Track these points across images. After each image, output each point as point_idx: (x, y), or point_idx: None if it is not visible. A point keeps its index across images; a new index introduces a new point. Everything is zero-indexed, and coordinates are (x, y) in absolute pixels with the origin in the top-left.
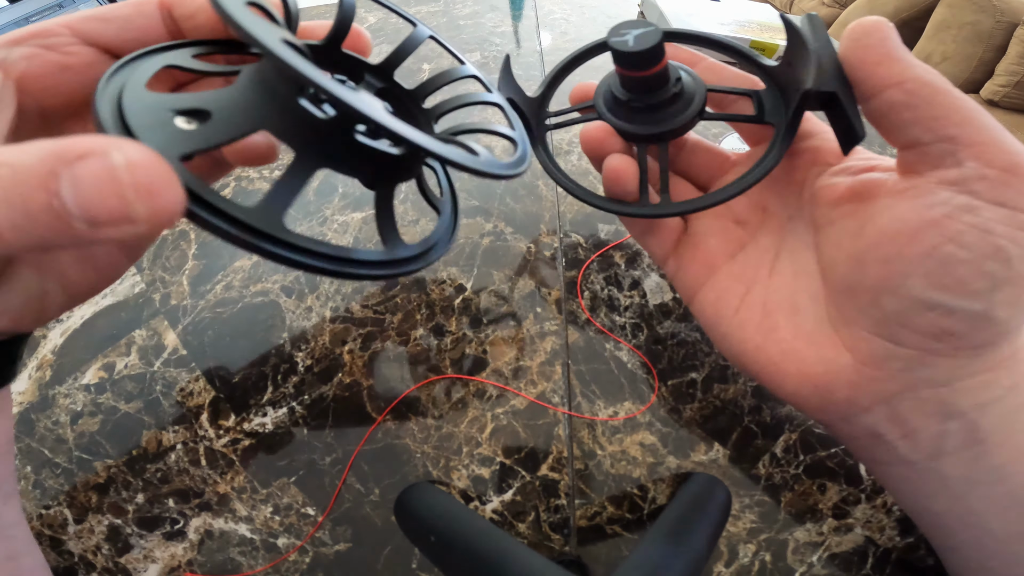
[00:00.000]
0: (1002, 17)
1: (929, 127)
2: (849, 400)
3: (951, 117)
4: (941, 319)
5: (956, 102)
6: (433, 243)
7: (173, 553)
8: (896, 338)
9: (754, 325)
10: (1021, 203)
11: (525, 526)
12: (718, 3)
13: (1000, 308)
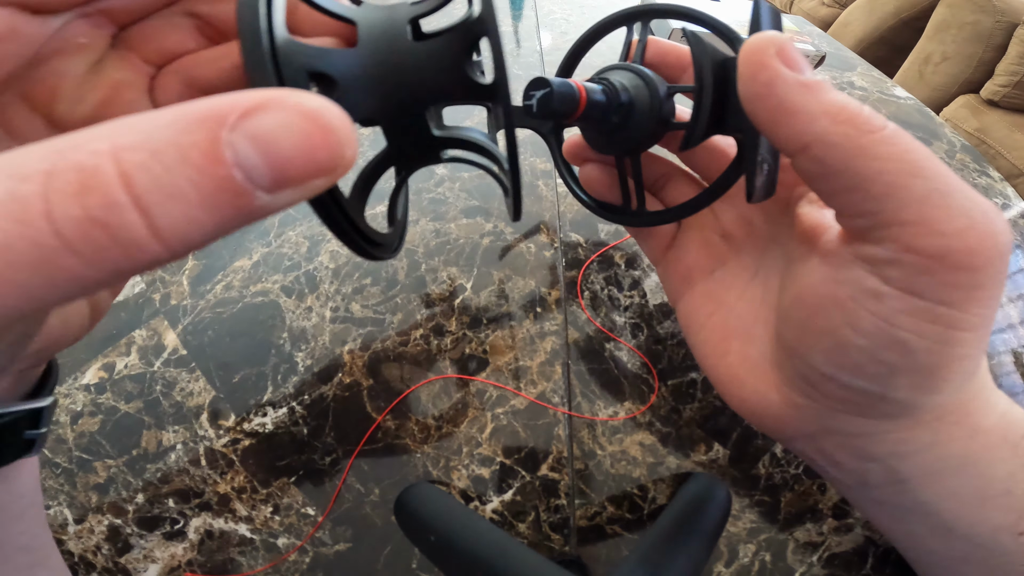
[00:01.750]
0: (1002, 17)
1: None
2: (777, 429)
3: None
4: (839, 390)
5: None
6: None
7: (173, 553)
8: (807, 393)
9: (712, 346)
10: (942, 295)
11: (525, 526)
12: (718, 3)
13: (899, 391)
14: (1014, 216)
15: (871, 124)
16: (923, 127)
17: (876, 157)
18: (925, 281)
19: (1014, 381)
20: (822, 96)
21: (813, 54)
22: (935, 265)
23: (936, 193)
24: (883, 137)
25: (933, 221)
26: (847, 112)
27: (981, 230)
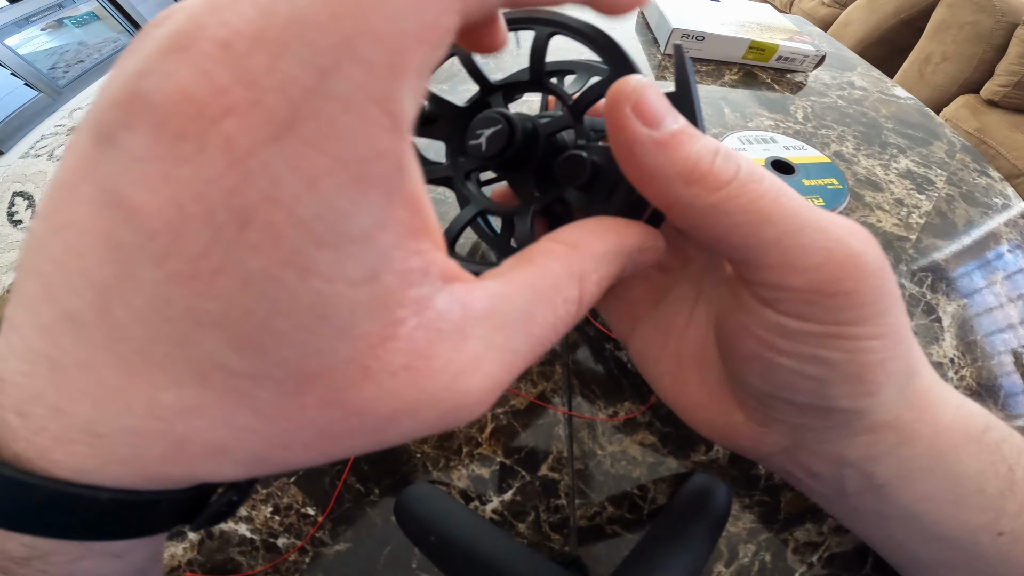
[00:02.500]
0: (1002, 17)
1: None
2: (752, 448)
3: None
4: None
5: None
6: None
7: (173, 553)
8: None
9: (670, 377)
10: (831, 318)
11: (525, 526)
12: (718, 3)
13: (838, 400)
14: (1014, 216)
15: (718, 180)
16: (923, 127)
17: (726, 213)
18: (812, 310)
19: (1014, 381)
20: (675, 155)
21: (813, 54)
22: (812, 296)
23: (787, 236)
24: (729, 193)
25: (792, 261)
26: (697, 171)
27: (839, 259)
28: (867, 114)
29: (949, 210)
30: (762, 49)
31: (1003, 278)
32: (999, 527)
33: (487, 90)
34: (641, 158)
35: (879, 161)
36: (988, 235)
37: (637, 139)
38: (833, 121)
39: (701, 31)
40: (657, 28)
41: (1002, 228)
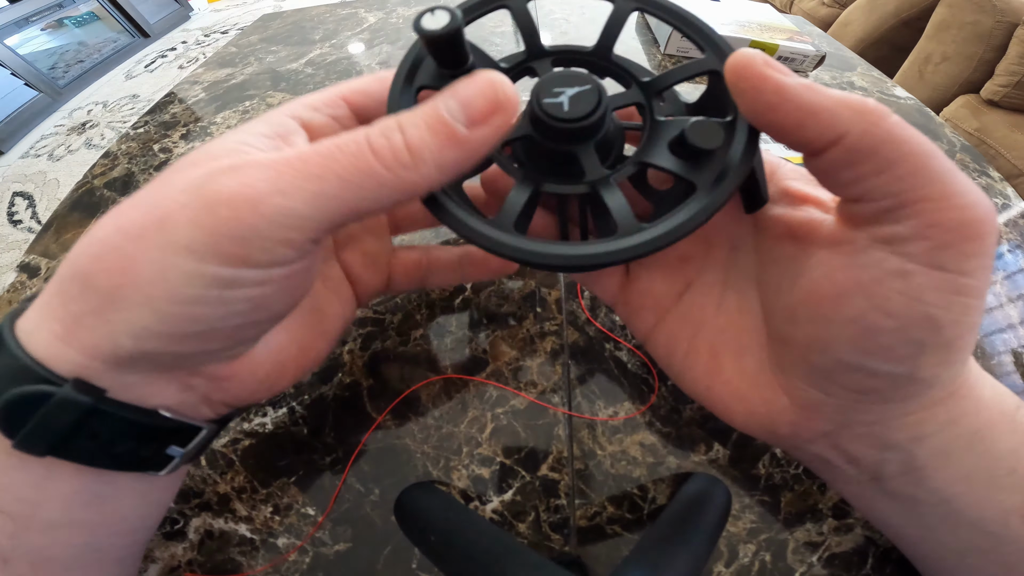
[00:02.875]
0: (1002, 17)
1: (873, 184)
2: (792, 435)
3: (897, 170)
4: (866, 379)
5: (903, 150)
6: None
7: (173, 553)
8: (826, 390)
9: (702, 367)
10: (962, 265)
11: (525, 526)
12: (718, 3)
13: (926, 369)
14: (1014, 216)
15: (884, 111)
16: (923, 127)
17: (901, 140)
18: (947, 254)
19: (1014, 381)
20: (831, 92)
21: (813, 54)
22: (955, 237)
23: (950, 171)
24: (898, 122)
25: (953, 195)
26: (861, 103)
27: (984, 205)
28: None
29: None
30: (762, 49)
31: (1003, 278)
32: None
33: (535, 54)
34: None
35: None
36: None
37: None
38: None
39: None
40: (657, 28)
41: (1002, 228)
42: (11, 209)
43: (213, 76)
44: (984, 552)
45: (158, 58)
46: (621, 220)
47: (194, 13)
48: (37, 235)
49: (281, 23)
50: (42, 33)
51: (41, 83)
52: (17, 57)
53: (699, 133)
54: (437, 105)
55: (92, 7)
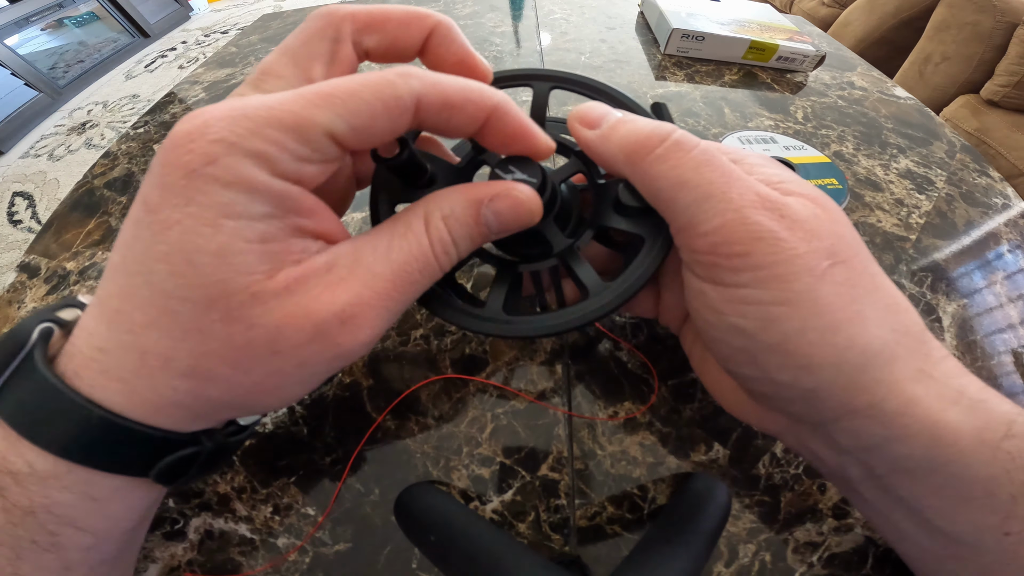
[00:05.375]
0: (1002, 17)
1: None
2: (764, 428)
3: (658, 201)
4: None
5: (655, 186)
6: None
7: (173, 553)
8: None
9: (697, 360)
10: (735, 279)
11: (525, 526)
12: (718, 3)
13: (776, 373)
14: (1014, 216)
15: (645, 147)
16: (923, 127)
17: (653, 176)
18: (715, 272)
19: (1014, 381)
20: (617, 135)
21: (813, 54)
22: (711, 258)
23: (695, 202)
24: (655, 158)
25: (696, 224)
26: (627, 141)
27: (730, 225)
28: (867, 114)
29: (949, 210)
30: (762, 49)
31: (1003, 278)
32: (1006, 527)
33: (480, 148)
34: (595, 152)
35: (879, 161)
36: (988, 235)
37: (586, 139)
38: (833, 121)
39: (701, 31)
40: (657, 28)
41: (1002, 228)
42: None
43: (213, 76)
44: (963, 560)
45: (158, 58)
46: (590, 284)
47: (194, 13)
48: (37, 235)
49: (281, 23)
50: (42, 33)
51: (41, 83)
52: (17, 57)
53: (626, 194)
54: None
55: (92, 7)
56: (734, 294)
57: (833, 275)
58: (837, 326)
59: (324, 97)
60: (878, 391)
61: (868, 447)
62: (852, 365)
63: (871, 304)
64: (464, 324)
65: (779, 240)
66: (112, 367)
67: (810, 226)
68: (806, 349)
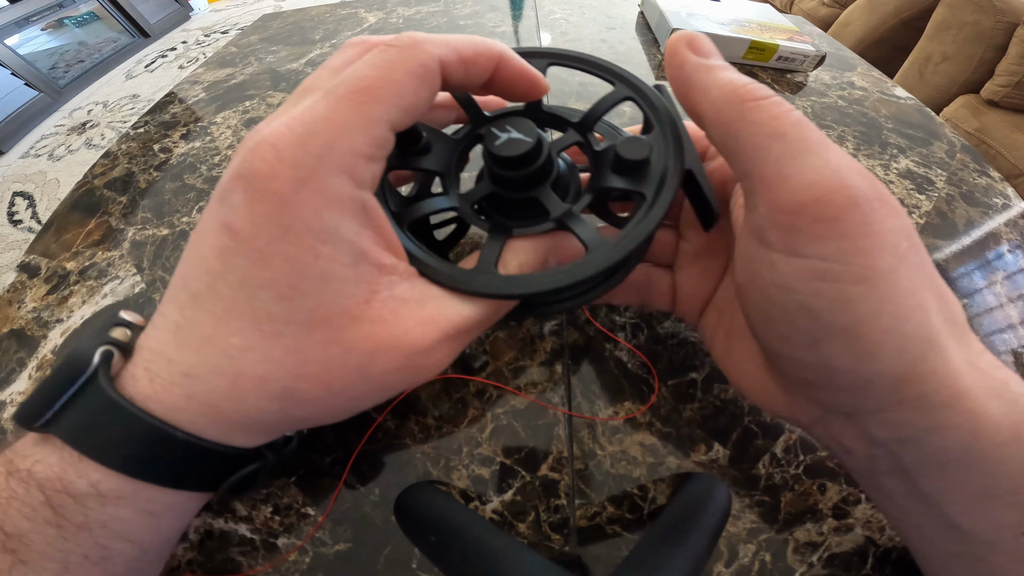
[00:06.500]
0: (1002, 17)
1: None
2: (790, 416)
3: (743, 149)
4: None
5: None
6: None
7: (173, 553)
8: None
9: (721, 349)
10: (812, 248)
11: (525, 526)
12: (718, 3)
13: (836, 359)
14: (1014, 216)
15: (751, 94)
16: (923, 127)
17: (749, 121)
18: (796, 238)
19: None
20: (717, 74)
21: (813, 54)
22: (796, 220)
23: (789, 155)
24: (757, 105)
25: (786, 178)
26: (732, 84)
27: (828, 183)
28: (867, 114)
29: (949, 210)
30: (762, 49)
31: (1003, 278)
32: None
33: (478, 121)
34: (688, 74)
35: (879, 161)
36: (988, 235)
37: (687, 61)
38: (833, 121)
39: (701, 31)
40: (657, 28)
41: (1002, 228)
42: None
43: (213, 76)
44: (978, 559)
45: (158, 58)
46: (591, 241)
47: (194, 13)
48: (37, 235)
49: (281, 23)
50: (42, 33)
51: (41, 83)
52: (17, 57)
53: (628, 148)
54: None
55: (92, 7)
56: (811, 266)
57: (910, 257)
58: (908, 313)
59: (369, 92)
60: (931, 382)
61: (904, 439)
62: (914, 355)
63: (932, 292)
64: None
65: (874, 210)
66: (199, 391)
67: (895, 203)
68: (877, 336)
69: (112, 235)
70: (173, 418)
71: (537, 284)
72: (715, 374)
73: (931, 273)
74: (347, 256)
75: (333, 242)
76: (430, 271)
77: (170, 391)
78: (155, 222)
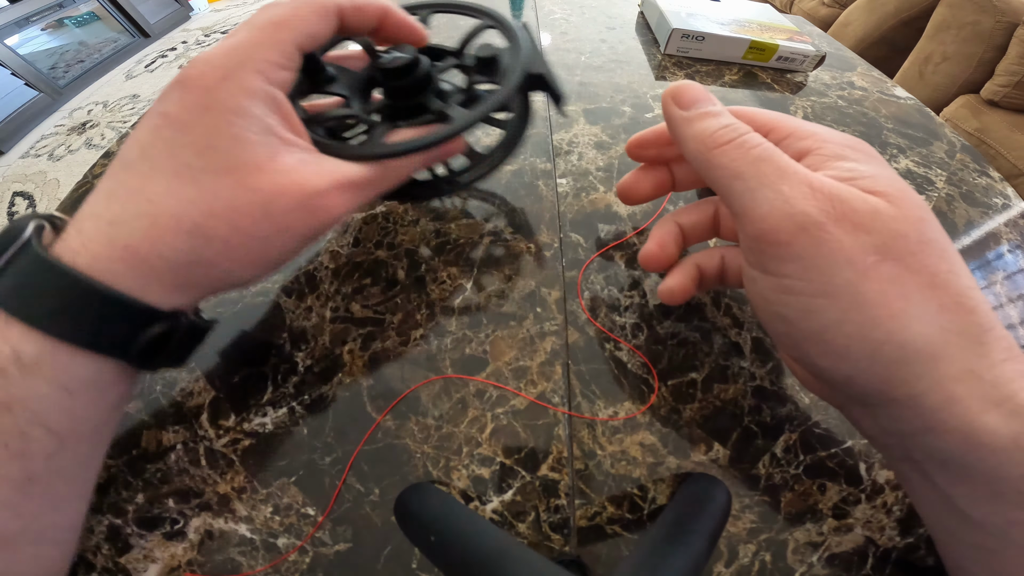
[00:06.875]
0: (1002, 17)
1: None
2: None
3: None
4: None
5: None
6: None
7: (173, 553)
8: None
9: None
10: (779, 268)
11: (525, 526)
12: (718, 3)
13: (816, 359)
14: (1014, 216)
15: (716, 141)
16: (923, 127)
17: (715, 166)
18: (762, 259)
19: None
20: (693, 125)
21: (813, 54)
22: (759, 245)
23: (748, 191)
24: (721, 151)
25: (747, 212)
26: (703, 135)
27: (777, 214)
28: (867, 114)
29: (949, 210)
30: (762, 49)
31: (1003, 278)
32: None
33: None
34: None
35: None
36: (988, 235)
37: (672, 116)
38: (833, 121)
39: (701, 31)
40: (657, 28)
41: (1002, 228)
42: (11, 209)
43: None
44: (989, 550)
45: (158, 58)
46: (455, 114)
47: (194, 13)
48: None
49: None
50: (42, 33)
51: (41, 83)
52: (17, 57)
53: (482, 50)
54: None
55: (92, 7)
56: (778, 283)
57: (879, 271)
58: (876, 321)
59: (280, 21)
60: (918, 385)
61: (907, 433)
62: (888, 359)
63: (921, 303)
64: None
65: (823, 232)
66: (120, 235)
67: (862, 220)
68: (842, 340)
69: None
70: (95, 267)
71: (407, 146)
72: (715, 374)
73: (927, 285)
74: (257, 128)
75: (246, 118)
76: (326, 147)
77: (94, 240)
78: None
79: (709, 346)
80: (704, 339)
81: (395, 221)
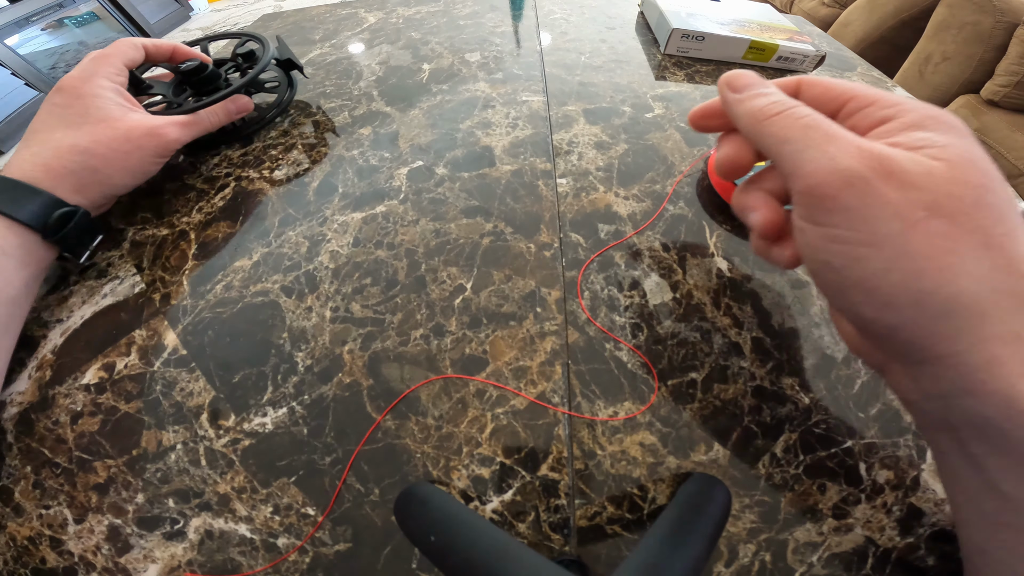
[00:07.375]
0: (1002, 17)
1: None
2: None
3: (770, 154)
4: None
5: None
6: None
7: (173, 553)
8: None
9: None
10: (828, 219)
11: (525, 526)
12: (718, 3)
13: (861, 308)
14: None
15: (766, 112)
16: None
17: (766, 135)
18: (812, 212)
19: None
20: (744, 105)
21: (813, 54)
22: (808, 199)
23: (796, 152)
24: (770, 120)
25: (796, 170)
26: (753, 110)
27: (824, 171)
28: None
29: None
30: (762, 49)
31: None
32: None
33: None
34: (730, 109)
35: None
36: None
37: (726, 100)
38: None
39: (701, 31)
40: (657, 28)
41: None
42: None
43: None
44: (1019, 531)
45: None
46: (235, 84)
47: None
48: None
49: (281, 23)
50: (42, 33)
51: (41, 83)
52: (17, 57)
53: (241, 48)
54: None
55: (92, 7)
56: (826, 232)
57: (928, 226)
58: (923, 272)
59: (113, 52)
60: (962, 341)
61: (946, 394)
62: (934, 311)
63: (973, 260)
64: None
65: (869, 186)
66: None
67: (913, 179)
68: (888, 288)
69: (112, 235)
70: (26, 176)
71: (207, 101)
72: (715, 374)
73: (982, 244)
74: (112, 102)
75: (103, 98)
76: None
77: (27, 162)
78: (155, 222)
79: (709, 346)
80: (704, 339)
81: (395, 221)
